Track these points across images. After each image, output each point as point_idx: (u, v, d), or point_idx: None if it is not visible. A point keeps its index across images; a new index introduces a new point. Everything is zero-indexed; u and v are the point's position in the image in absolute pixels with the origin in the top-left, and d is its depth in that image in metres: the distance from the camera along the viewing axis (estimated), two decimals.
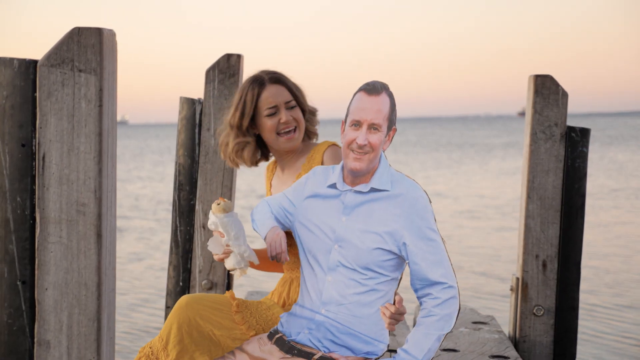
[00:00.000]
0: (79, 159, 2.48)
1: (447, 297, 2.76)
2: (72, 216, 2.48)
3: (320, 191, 2.94)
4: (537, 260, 4.23)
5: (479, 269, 11.06)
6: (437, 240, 2.80)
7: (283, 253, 2.86)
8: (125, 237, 14.52)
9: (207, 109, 4.27)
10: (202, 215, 4.30)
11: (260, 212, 3.08)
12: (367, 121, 2.79)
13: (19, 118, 2.50)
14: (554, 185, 4.20)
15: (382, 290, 2.86)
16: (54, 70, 2.47)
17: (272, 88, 3.25)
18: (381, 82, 2.84)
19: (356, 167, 2.81)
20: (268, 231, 2.94)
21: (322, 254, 2.87)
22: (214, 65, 4.27)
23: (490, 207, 18.72)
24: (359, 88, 2.85)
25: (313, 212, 2.93)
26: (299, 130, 3.27)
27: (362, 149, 2.79)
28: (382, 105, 2.80)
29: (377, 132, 2.80)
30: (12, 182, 2.51)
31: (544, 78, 4.21)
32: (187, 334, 3.00)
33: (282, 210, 3.02)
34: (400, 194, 2.83)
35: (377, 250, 2.80)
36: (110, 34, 2.51)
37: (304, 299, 2.94)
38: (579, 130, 4.20)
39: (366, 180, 2.87)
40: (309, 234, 2.91)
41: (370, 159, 2.81)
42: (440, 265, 2.77)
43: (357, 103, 2.82)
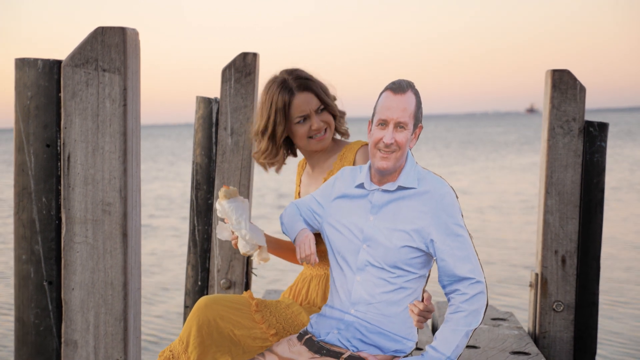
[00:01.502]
0: (103, 158, 2.48)
1: (475, 292, 2.76)
2: (97, 216, 2.49)
3: (348, 192, 2.95)
4: (556, 255, 4.21)
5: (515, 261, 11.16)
6: (464, 236, 2.80)
7: (312, 255, 2.87)
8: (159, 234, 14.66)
9: (224, 107, 4.27)
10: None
11: (288, 215, 3.09)
12: (393, 120, 2.80)
13: (43, 118, 2.50)
14: (573, 181, 4.19)
15: (411, 288, 2.86)
16: (78, 70, 2.47)
17: (301, 96, 3.24)
18: (407, 81, 2.85)
19: (383, 166, 2.82)
20: (297, 234, 2.96)
21: (351, 254, 2.87)
22: (230, 64, 4.27)
23: (517, 201, 18.74)
24: (385, 87, 2.87)
25: (341, 212, 2.93)
26: (329, 130, 3.29)
27: (389, 147, 2.80)
28: (408, 103, 2.81)
29: (404, 131, 2.81)
30: (37, 182, 2.51)
31: (562, 73, 4.20)
32: (208, 335, 3.00)
33: (311, 212, 3.03)
34: (427, 191, 2.84)
35: (405, 248, 2.81)
36: (134, 33, 2.51)
37: (333, 300, 2.95)
38: (597, 125, 4.19)
39: (393, 178, 2.87)
40: (337, 235, 2.91)
41: (397, 158, 2.82)
42: (467, 260, 2.77)
43: (383, 102, 2.83)
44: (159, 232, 15.06)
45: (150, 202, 21.20)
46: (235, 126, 4.26)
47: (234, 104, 4.25)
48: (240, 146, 4.27)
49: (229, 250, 4.28)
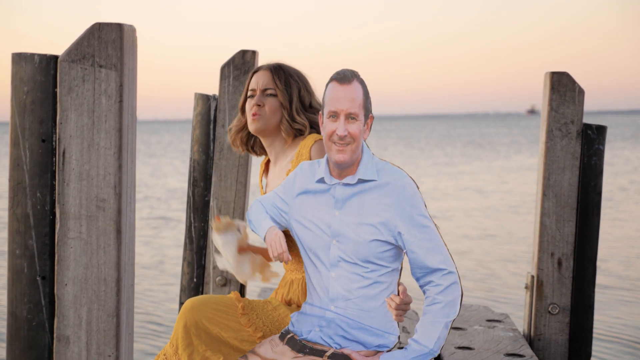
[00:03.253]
0: (99, 154, 2.48)
1: (449, 283, 2.77)
2: (91, 212, 2.48)
3: (310, 187, 2.94)
4: (552, 258, 4.21)
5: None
6: (430, 227, 2.80)
7: (285, 253, 2.85)
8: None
9: (222, 105, 4.27)
10: (217, 211, 4.30)
11: (255, 213, 3.07)
12: (343, 111, 2.79)
13: (39, 113, 2.49)
14: (570, 183, 4.19)
15: (385, 282, 2.86)
16: (75, 66, 2.46)
17: (258, 74, 3.34)
18: (351, 70, 2.84)
19: (340, 159, 2.81)
20: (266, 232, 2.94)
21: (322, 250, 2.87)
22: (229, 62, 4.27)
23: (517, 202, 18.73)
24: (330, 78, 2.85)
25: (306, 208, 2.92)
26: (268, 115, 3.28)
27: (343, 140, 2.79)
28: (355, 93, 2.81)
29: (355, 122, 2.81)
30: (32, 177, 2.50)
31: (561, 75, 4.19)
32: (196, 336, 3.01)
33: (277, 210, 3.02)
34: (387, 182, 2.84)
35: (374, 242, 2.81)
36: (131, 30, 2.51)
37: (312, 297, 2.94)
38: (595, 128, 4.19)
39: (352, 171, 2.87)
40: (306, 231, 2.91)
41: (353, 150, 2.82)
42: (437, 251, 2.78)
43: (331, 93, 2.82)
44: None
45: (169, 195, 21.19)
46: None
47: (232, 101, 4.25)
48: None
49: None
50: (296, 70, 3.37)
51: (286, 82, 3.29)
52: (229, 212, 4.31)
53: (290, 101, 3.27)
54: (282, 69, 3.32)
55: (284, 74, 3.30)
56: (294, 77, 3.32)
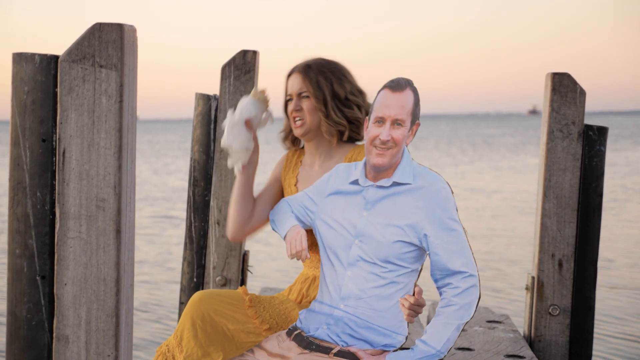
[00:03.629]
0: (99, 154, 2.48)
1: (468, 285, 2.76)
2: (91, 211, 2.48)
3: (342, 188, 2.95)
4: (553, 259, 4.21)
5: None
6: (458, 230, 2.81)
7: (304, 251, 2.87)
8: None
9: (223, 105, 4.26)
10: (217, 211, 4.30)
11: (279, 212, 3.08)
12: (390, 117, 2.81)
13: (39, 113, 2.50)
14: (571, 184, 4.18)
15: (402, 282, 2.86)
16: (75, 66, 2.46)
17: (292, 77, 3.37)
18: (405, 79, 2.86)
19: (379, 163, 2.82)
20: (288, 230, 2.95)
21: (343, 250, 2.87)
22: (229, 62, 4.26)
23: (518, 202, 18.71)
24: (383, 85, 2.87)
25: (335, 208, 2.93)
26: (307, 119, 3.32)
27: (385, 144, 2.81)
28: (405, 101, 2.82)
29: (401, 127, 2.82)
30: (32, 177, 2.51)
31: (562, 76, 4.19)
32: (201, 329, 3.02)
33: (303, 209, 3.03)
34: (422, 186, 2.84)
35: (398, 243, 2.81)
36: (131, 30, 2.51)
37: (322, 295, 2.95)
38: (597, 129, 4.18)
39: (388, 175, 2.87)
40: (329, 231, 2.91)
41: (393, 154, 2.82)
42: (461, 254, 2.79)
43: (381, 100, 2.84)
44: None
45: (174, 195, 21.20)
46: None
47: (233, 101, 4.24)
48: None
49: (225, 248, 4.28)
50: (328, 63, 3.37)
51: (317, 83, 3.30)
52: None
53: (324, 102, 3.29)
54: (311, 68, 3.33)
55: (314, 74, 3.31)
56: (325, 74, 3.32)
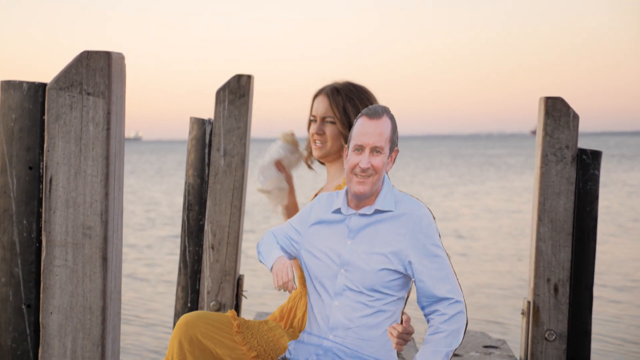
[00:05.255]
0: (85, 182, 2.47)
1: (454, 312, 2.75)
2: (78, 239, 2.47)
3: (325, 217, 2.95)
4: (548, 284, 4.18)
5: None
6: (442, 256, 2.80)
7: (290, 282, 2.86)
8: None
9: (217, 129, 4.26)
10: (211, 235, 4.29)
11: (265, 244, 3.09)
12: (369, 145, 2.81)
13: (27, 141, 2.49)
14: (566, 208, 4.17)
15: (389, 311, 2.85)
16: (63, 94, 2.46)
17: (318, 99, 3.43)
18: (382, 106, 2.87)
19: (360, 190, 2.82)
20: (274, 261, 2.95)
21: (329, 279, 2.86)
22: (224, 86, 4.27)
23: (517, 222, 18.67)
24: (360, 113, 2.89)
25: (319, 238, 2.93)
26: (329, 143, 3.37)
27: (365, 172, 2.81)
28: (383, 128, 2.83)
29: (380, 155, 2.82)
30: (19, 205, 2.50)
31: (555, 100, 4.18)
32: (190, 352, 3.00)
33: (288, 240, 3.02)
34: (404, 213, 2.84)
35: (383, 271, 2.80)
36: (119, 57, 2.51)
37: (311, 326, 2.93)
38: (590, 153, 4.17)
39: (370, 202, 2.87)
40: (315, 260, 2.91)
41: (374, 182, 2.83)
42: (446, 281, 2.78)
43: (359, 128, 2.84)
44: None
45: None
46: (229, 147, 4.25)
47: (228, 126, 4.24)
48: (233, 167, 4.26)
49: (220, 272, 4.27)
50: (357, 89, 3.40)
51: (344, 108, 3.33)
52: (224, 237, 4.30)
53: (349, 129, 3.31)
54: (340, 94, 3.36)
55: (342, 100, 3.34)
56: (353, 100, 3.35)
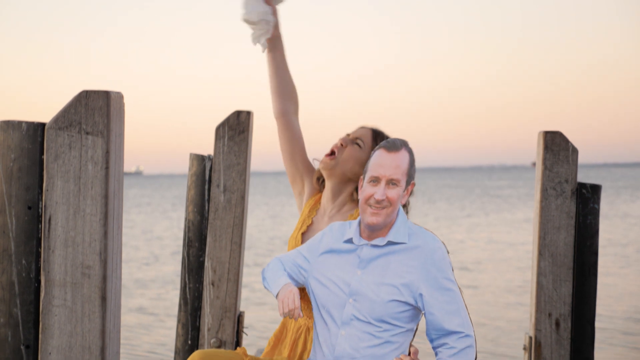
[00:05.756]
0: (84, 221, 2.47)
1: (464, 346, 2.74)
2: (77, 279, 2.47)
3: (336, 246, 2.94)
4: (550, 318, 4.16)
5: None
6: (454, 290, 2.79)
7: (296, 309, 2.85)
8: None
9: (217, 165, 4.27)
10: (211, 272, 4.27)
11: (272, 270, 3.07)
12: (385, 177, 2.81)
13: (26, 180, 2.50)
14: (566, 242, 4.16)
15: (397, 342, 2.83)
16: (62, 133, 2.47)
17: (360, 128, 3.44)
18: (401, 139, 2.88)
19: (373, 222, 2.81)
20: (280, 288, 2.94)
21: (336, 309, 2.85)
22: (223, 122, 4.28)
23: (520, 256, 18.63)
24: (378, 145, 2.89)
25: (328, 267, 2.92)
26: (338, 159, 3.37)
27: (380, 203, 2.81)
28: (401, 161, 2.83)
29: (396, 187, 2.82)
30: (17, 244, 2.50)
31: (554, 134, 4.19)
32: None
33: (296, 267, 3.01)
34: (417, 246, 2.83)
35: (393, 302, 2.79)
36: (118, 97, 2.52)
37: (316, 355, 2.92)
38: (590, 187, 4.17)
39: (383, 234, 2.87)
40: (323, 289, 2.90)
41: (388, 214, 2.82)
42: (457, 314, 2.76)
43: (376, 160, 2.85)
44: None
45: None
46: (228, 183, 4.26)
47: (227, 162, 4.25)
48: (233, 203, 4.26)
49: (220, 309, 4.25)
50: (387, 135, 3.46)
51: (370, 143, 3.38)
52: (224, 273, 4.28)
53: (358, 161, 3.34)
54: (382, 136, 3.40)
55: (380, 140, 3.38)
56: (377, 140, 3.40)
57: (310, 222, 3.46)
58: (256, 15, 3.29)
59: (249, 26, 3.32)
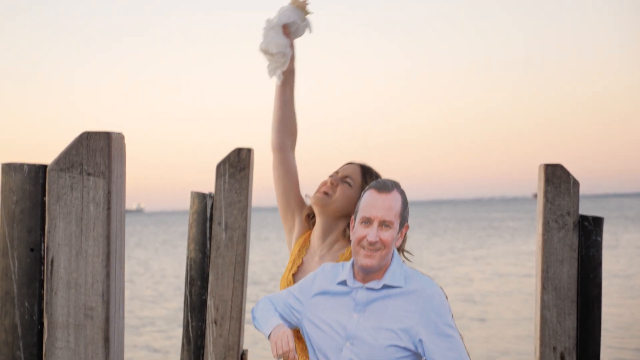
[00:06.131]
0: (87, 262, 2.48)
1: None
2: (79, 320, 2.46)
3: (329, 288, 2.92)
4: (554, 352, 4.14)
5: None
6: (454, 336, 2.77)
7: (291, 351, 2.83)
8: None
9: (218, 202, 4.27)
10: (214, 310, 4.26)
11: (262, 310, 3.05)
12: (377, 218, 2.79)
13: (28, 222, 2.50)
14: (569, 275, 4.15)
15: None
16: (63, 175, 2.48)
17: (349, 164, 3.43)
18: (392, 180, 2.86)
19: (367, 264, 2.79)
20: (273, 329, 2.91)
21: (333, 352, 2.83)
22: (224, 160, 4.29)
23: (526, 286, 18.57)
24: (369, 186, 2.87)
25: (322, 309, 2.90)
26: (331, 195, 3.36)
27: (373, 245, 2.78)
28: (393, 202, 2.81)
29: (389, 229, 2.80)
30: (20, 287, 2.50)
31: (555, 167, 4.20)
32: None
33: (288, 308, 2.99)
34: (414, 290, 2.81)
35: (392, 347, 2.76)
36: (119, 137, 2.54)
37: None
38: (592, 219, 4.17)
39: (378, 276, 2.84)
40: (318, 332, 2.87)
41: (382, 256, 2.80)
42: None
43: (367, 200, 2.82)
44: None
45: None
46: (230, 221, 4.26)
47: (228, 199, 4.25)
48: (235, 241, 4.25)
49: (223, 348, 4.23)
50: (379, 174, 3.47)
51: (368, 184, 3.32)
52: (227, 311, 4.27)
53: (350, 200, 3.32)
54: (370, 172, 3.40)
55: (369, 177, 3.35)
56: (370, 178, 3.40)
57: (300, 262, 3.45)
58: (275, 47, 3.30)
59: (265, 57, 3.32)
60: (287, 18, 3.28)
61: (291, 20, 3.27)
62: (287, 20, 3.27)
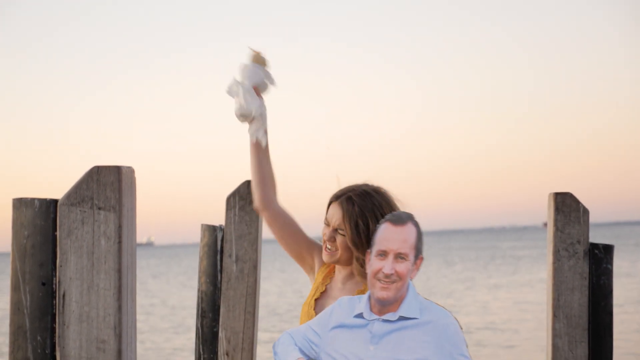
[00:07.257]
0: (98, 295, 2.49)
1: None
2: (92, 354, 2.48)
3: (346, 321, 2.94)
4: None
5: None
6: None
7: None
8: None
9: (229, 235, 4.30)
10: (226, 342, 4.27)
11: (282, 344, 3.07)
12: (393, 251, 2.81)
13: (39, 257, 2.53)
14: (580, 303, 4.14)
15: None
16: (74, 209, 2.51)
17: (333, 206, 3.28)
18: (406, 213, 2.89)
19: (383, 296, 2.82)
20: None
21: None
22: (234, 192, 4.32)
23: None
24: (384, 218, 2.89)
25: (340, 342, 2.91)
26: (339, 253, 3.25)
27: (389, 278, 2.81)
28: (408, 235, 2.83)
29: (404, 261, 2.82)
30: (32, 321, 2.51)
31: (564, 196, 4.21)
32: None
33: (307, 342, 3.01)
34: (429, 321, 2.83)
35: None
36: (129, 171, 2.57)
37: None
38: (602, 247, 4.17)
39: (394, 308, 2.86)
40: None
41: (398, 288, 2.82)
42: None
43: (382, 234, 2.85)
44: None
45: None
46: (240, 253, 4.28)
47: (238, 231, 4.28)
48: (245, 273, 4.27)
49: None
50: (370, 196, 3.25)
51: (357, 226, 3.20)
52: (238, 343, 4.28)
53: (360, 244, 3.18)
54: (353, 205, 3.22)
55: (355, 215, 3.20)
56: (365, 216, 3.20)
57: (324, 288, 3.45)
58: (255, 110, 3.25)
59: (244, 121, 3.28)
60: (258, 77, 3.24)
61: (259, 80, 3.24)
62: (257, 81, 3.24)
